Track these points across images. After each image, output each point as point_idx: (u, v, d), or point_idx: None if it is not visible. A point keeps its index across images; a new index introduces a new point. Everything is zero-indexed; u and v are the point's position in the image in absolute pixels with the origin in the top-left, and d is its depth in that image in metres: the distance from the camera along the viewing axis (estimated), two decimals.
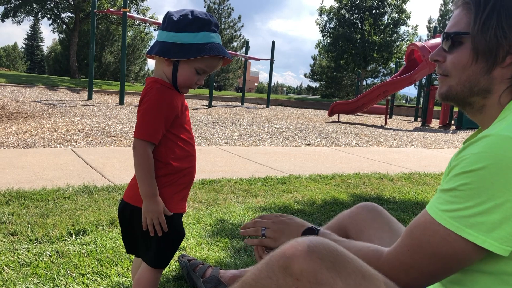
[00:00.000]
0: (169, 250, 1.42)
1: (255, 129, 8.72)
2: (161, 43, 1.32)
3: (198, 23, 1.30)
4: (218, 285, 1.70)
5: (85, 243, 2.12)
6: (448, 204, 0.85)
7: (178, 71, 1.33)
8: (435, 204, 0.88)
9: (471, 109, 1.01)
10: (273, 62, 19.11)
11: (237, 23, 41.63)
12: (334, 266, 0.81)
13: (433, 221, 0.87)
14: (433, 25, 29.65)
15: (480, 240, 0.81)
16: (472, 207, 0.81)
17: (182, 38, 1.29)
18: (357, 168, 4.82)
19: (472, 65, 0.95)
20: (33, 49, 70.01)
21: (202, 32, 1.30)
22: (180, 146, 1.38)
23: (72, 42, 27.92)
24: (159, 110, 1.31)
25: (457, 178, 0.85)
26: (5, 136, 5.48)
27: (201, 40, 1.30)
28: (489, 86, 0.95)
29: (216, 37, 1.33)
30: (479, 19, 0.92)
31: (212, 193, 3.25)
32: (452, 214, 0.84)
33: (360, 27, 34.51)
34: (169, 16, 1.33)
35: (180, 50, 1.29)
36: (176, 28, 1.30)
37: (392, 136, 9.60)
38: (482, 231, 0.80)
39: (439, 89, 1.04)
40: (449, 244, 0.84)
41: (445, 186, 0.88)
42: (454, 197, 0.84)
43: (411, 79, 13.24)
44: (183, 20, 1.30)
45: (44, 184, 3.13)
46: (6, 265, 1.82)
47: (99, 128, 6.84)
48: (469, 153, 0.85)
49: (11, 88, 14.49)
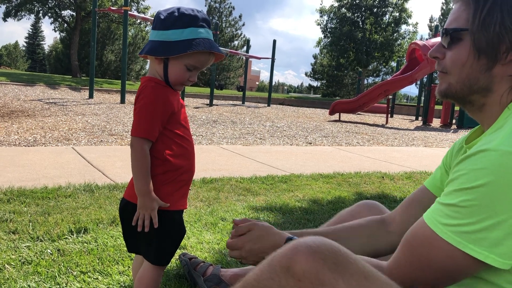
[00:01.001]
0: (171, 248, 1.42)
1: (256, 128, 8.72)
2: (151, 42, 1.34)
3: (185, 19, 1.30)
4: (219, 283, 1.70)
5: (86, 241, 2.12)
6: (449, 219, 0.84)
7: (168, 68, 1.34)
8: (435, 217, 0.87)
9: (471, 107, 1.00)
10: (274, 61, 19.09)
11: (238, 21, 41.60)
12: (336, 267, 0.81)
13: (434, 236, 0.85)
14: (435, 24, 29.58)
15: (483, 256, 0.80)
16: (474, 224, 0.80)
17: (170, 35, 1.30)
18: (358, 167, 4.81)
19: (472, 62, 0.93)
20: (34, 48, 70.09)
21: (189, 28, 1.30)
22: (177, 142, 1.38)
23: (73, 40, 27.93)
24: (154, 107, 1.32)
25: (458, 193, 0.83)
26: (7, 135, 5.49)
27: (188, 36, 1.30)
28: (489, 85, 0.93)
29: (205, 33, 1.33)
30: (478, 14, 0.91)
31: (213, 191, 3.26)
32: (454, 229, 0.82)
33: (361, 25, 34.47)
34: (157, 15, 1.34)
35: (168, 47, 1.30)
36: (164, 26, 1.31)
37: (393, 135, 9.59)
38: (484, 246, 0.80)
39: (439, 86, 1.03)
40: (453, 259, 0.83)
41: (445, 200, 0.86)
42: (455, 212, 0.83)
43: (412, 78, 13.21)
44: (170, 17, 1.31)
45: (45, 183, 3.13)
46: (7, 263, 1.82)
47: (100, 126, 6.84)
48: (469, 168, 0.83)
49: (12, 86, 14.50)
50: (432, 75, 15.50)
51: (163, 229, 1.37)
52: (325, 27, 35.48)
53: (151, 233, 1.36)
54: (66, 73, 33.01)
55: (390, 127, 12.06)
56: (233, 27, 41.52)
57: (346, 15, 34.40)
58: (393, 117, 18.31)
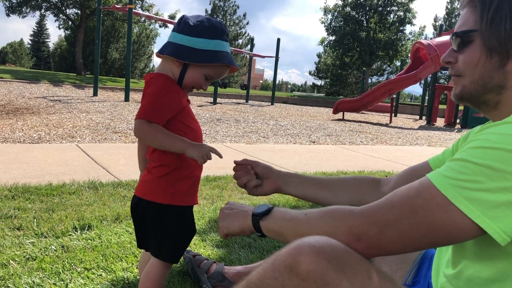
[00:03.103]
0: (182, 244, 1.45)
1: (260, 126, 8.72)
2: (174, 44, 1.35)
3: (213, 31, 1.34)
4: (222, 281, 1.71)
5: (90, 238, 2.13)
6: (454, 172, 0.80)
7: (186, 73, 1.36)
8: (438, 170, 0.84)
9: (486, 107, 0.99)
10: (278, 60, 19.08)
11: (242, 20, 41.63)
12: (340, 267, 0.80)
13: (430, 185, 0.81)
14: (439, 23, 29.44)
15: (474, 215, 0.77)
16: (479, 182, 0.77)
17: (196, 43, 1.33)
18: (362, 166, 4.81)
19: (484, 61, 0.93)
20: (39, 46, 70.30)
21: (215, 40, 1.34)
22: (191, 136, 1.39)
23: (77, 38, 28.03)
24: (163, 94, 1.32)
25: (473, 151, 0.81)
26: (12, 132, 5.51)
27: (214, 47, 1.34)
28: (503, 81, 0.93)
29: (227, 47, 1.38)
30: (486, 14, 0.91)
31: (216, 189, 3.26)
32: (455, 182, 0.79)
33: (365, 24, 34.38)
34: (185, 20, 1.36)
35: (193, 54, 1.33)
36: (192, 33, 1.33)
37: (397, 134, 9.57)
38: (480, 206, 0.76)
39: (454, 90, 1.02)
40: (443, 212, 0.79)
41: (456, 156, 0.83)
42: (463, 167, 0.80)
43: (416, 77, 13.17)
44: (199, 26, 1.33)
45: (50, 180, 3.15)
46: (12, 259, 1.83)
47: (104, 124, 6.86)
48: (492, 132, 0.81)
49: (17, 84, 14.56)
50: (436, 75, 15.45)
51: (176, 226, 1.39)
52: (329, 26, 35.41)
53: (164, 232, 1.38)
54: (70, 70, 33.11)
55: (394, 126, 12.03)
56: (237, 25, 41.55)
57: (350, 14, 34.32)
58: (397, 116, 18.28)
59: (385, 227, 0.84)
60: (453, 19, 39.31)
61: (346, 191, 1.37)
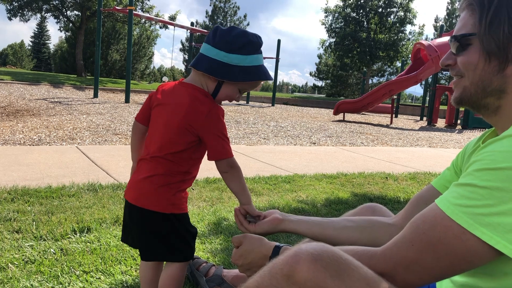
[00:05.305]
0: (193, 242, 1.48)
1: (260, 127, 8.71)
2: (210, 60, 1.32)
3: (251, 47, 1.32)
4: (221, 284, 1.70)
5: (89, 241, 2.13)
6: (463, 199, 0.79)
7: (221, 88, 1.36)
8: (447, 198, 0.82)
9: (486, 111, 0.98)
10: (279, 61, 19.09)
11: (242, 21, 41.60)
12: (338, 275, 0.79)
13: (443, 216, 0.81)
14: (440, 24, 29.42)
15: (494, 241, 0.76)
16: (491, 206, 0.76)
17: (233, 59, 1.30)
18: (362, 168, 4.80)
19: (483, 65, 0.92)
20: (39, 47, 70.37)
21: (252, 55, 1.32)
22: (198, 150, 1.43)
23: (78, 40, 28.02)
24: (225, 126, 1.39)
25: (479, 173, 0.80)
26: (12, 134, 5.51)
27: (250, 63, 1.32)
28: (503, 85, 0.92)
29: (261, 59, 1.36)
30: (484, 18, 0.91)
31: (216, 191, 3.26)
32: (466, 210, 0.78)
33: (366, 25, 34.37)
34: (220, 33, 1.32)
35: (230, 71, 1.31)
36: (228, 49, 1.30)
37: (398, 136, 9.56)
38: (497, 231, 0.75)
39: (453, 94, 1.02)
40: (461, 242, 0.79)
41: (462, 181, 0.82)
42: (471, 192, 0.79)
43: (417, 78, 13.17)
44: (237, 41, 1.30)
45: (49, 182, 3.14)
46: (10, 262, 1.83)
47: (104, 126, 6.86)
48: (495, 150, 0.80)
49: (18, 85, 14.57)
50: (437, 75, 15.44)
51: (185, 229, 1.43)
52: (330, 27, 35.39)
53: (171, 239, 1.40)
54: (71, 72, 33.11)
55: (394, 127, 12.02)
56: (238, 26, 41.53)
57: (351, 15, 34.31)
58: (397, 117, 18.27)
59: (409, 266, 0.85)
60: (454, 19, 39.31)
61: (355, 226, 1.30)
